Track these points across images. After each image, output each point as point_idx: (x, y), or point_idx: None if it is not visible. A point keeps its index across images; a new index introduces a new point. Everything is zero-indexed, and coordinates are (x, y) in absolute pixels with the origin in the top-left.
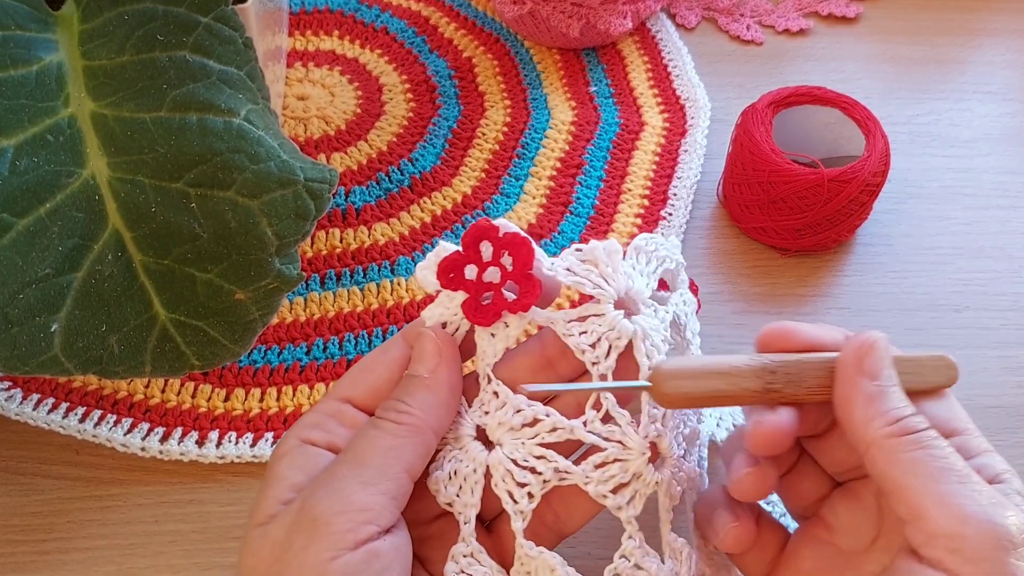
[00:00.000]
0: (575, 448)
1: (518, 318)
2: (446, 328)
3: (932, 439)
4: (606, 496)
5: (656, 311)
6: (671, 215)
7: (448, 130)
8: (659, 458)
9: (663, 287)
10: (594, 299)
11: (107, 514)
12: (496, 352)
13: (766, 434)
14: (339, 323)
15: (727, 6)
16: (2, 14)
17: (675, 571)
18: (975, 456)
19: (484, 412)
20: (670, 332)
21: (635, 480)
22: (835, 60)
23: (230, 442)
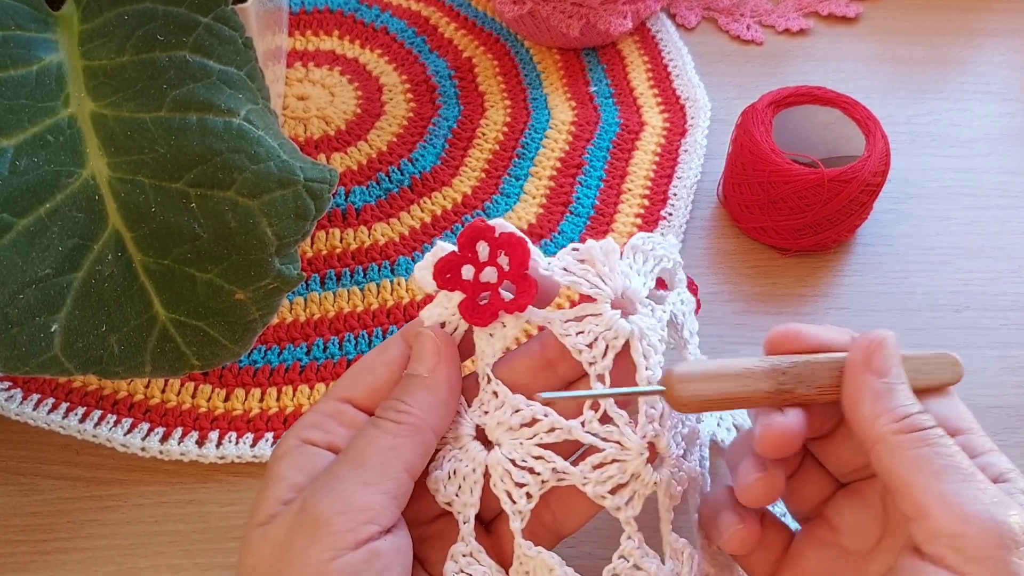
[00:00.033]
0: (574, 448)
1: (515, 318)
2: (445, 328)
3: (938, 437)
4: (604, 497)
5: (653, 310)
6: (671, 215)
7: (448, 130)
8: (657, 458)
9: (661, 286)
10: (591, 299)
11: (107, 514)
12: (495, 352)
13: (776, 436)
14: (339, 323)
15: (727, 6)
16: (2, 14)
17: (676, 572)
18: (979, 455)
19: (484, 412)
20: (667, 332)
21: (633, 480)
22: (835, 60)
23: (230, 442)
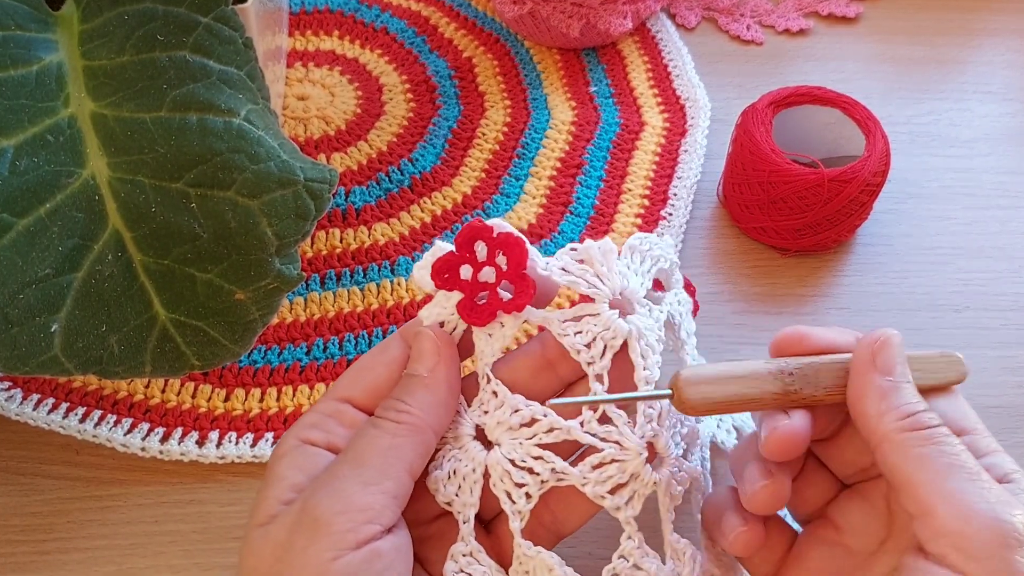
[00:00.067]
0: (574, 448)
1: (513, 318)
2: (443, 327)
3: (943, 436)
4: (604, 497)
5: (651, 311)
6: (671, 215)
7: (448, 130)
8: (656, 458)
9: (658, 288)
10: (589, 299)
11: (107, 514)
12: (494, 352)
13: (782, 439)
14: (339, 323)
15: (727, 6)
16: (2, 14)
17: (677, 572)
18: (984, 455)
19: (483, 412)
20: (664, 332)
21: (633, 480)
22: (835, 60)
23: (230, 442)
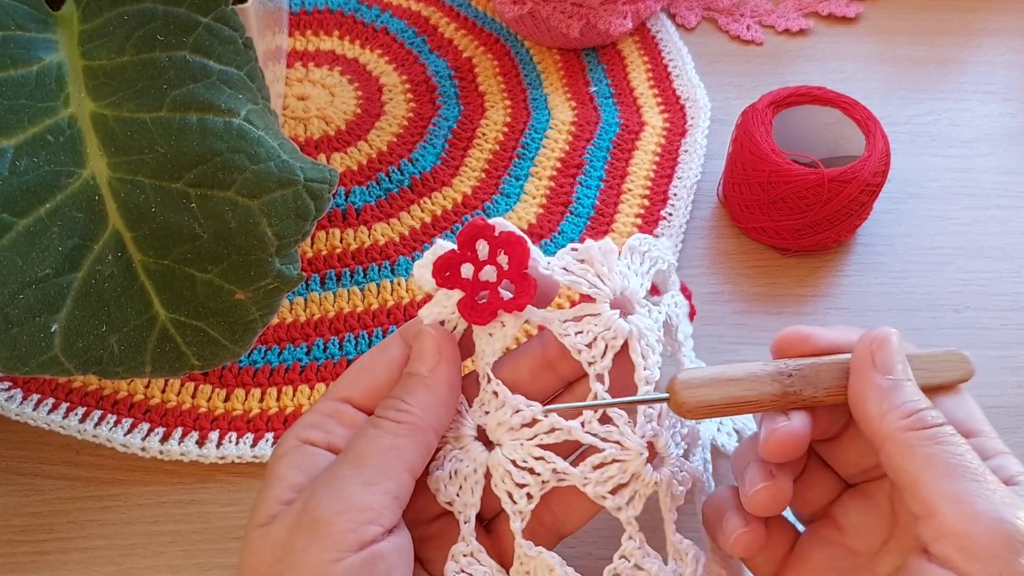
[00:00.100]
0: (574, 448)
1: (514, 317)
2: (444, 327)
3: (949, 435)
4: (605, 497)
5: (650, 311)
6: (671, 215)
7: (448, 130)
8: (657, 458)
9: (654, 292)
10: (590, 299)
11: (107, 514)
12: (495, 351)
13: (782, 440)
14: (339, 323)
15: (727, 6)
16: (2, 14)
17: (679, 572)
18: (991, 458)
19: (484, 412)
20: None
21: (634, 480)
22: (835, 60)
23: (230, 442)
